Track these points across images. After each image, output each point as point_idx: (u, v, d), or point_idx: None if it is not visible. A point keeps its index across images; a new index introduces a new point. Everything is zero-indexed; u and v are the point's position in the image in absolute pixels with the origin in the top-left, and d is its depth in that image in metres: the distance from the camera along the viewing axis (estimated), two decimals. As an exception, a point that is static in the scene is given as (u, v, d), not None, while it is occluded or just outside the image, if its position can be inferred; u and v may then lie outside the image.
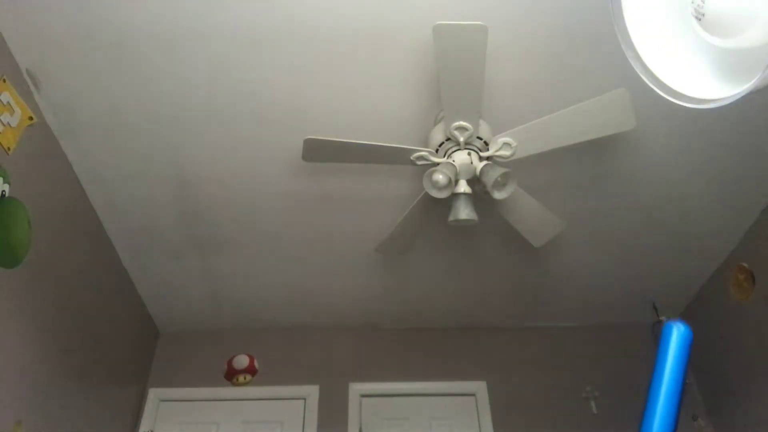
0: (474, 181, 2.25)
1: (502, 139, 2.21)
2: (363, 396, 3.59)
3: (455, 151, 2.22)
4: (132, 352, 3.53)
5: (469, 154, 2.21)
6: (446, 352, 3.78)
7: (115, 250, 3.16)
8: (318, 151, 2.26)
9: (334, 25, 2.11)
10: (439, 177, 2.14)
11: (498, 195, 2.16)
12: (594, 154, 2.64)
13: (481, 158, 2.24)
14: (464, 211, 2.18)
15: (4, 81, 2.13)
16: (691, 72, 1.02)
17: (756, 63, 0.89)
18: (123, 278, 3.31)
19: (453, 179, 2.18)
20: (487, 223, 2.90)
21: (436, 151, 2.25)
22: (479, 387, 3.62)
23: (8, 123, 2.15)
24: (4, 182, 2.11)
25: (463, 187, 2.21)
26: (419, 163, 2.28)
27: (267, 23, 2.10)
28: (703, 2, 0.93)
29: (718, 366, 3.40)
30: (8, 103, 2.14)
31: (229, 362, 3.70)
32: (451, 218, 2.21)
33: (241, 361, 3.70)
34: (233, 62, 2.24)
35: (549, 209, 2.55)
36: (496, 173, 2.10)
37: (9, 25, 2.12)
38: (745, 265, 3.06)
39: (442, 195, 2.21)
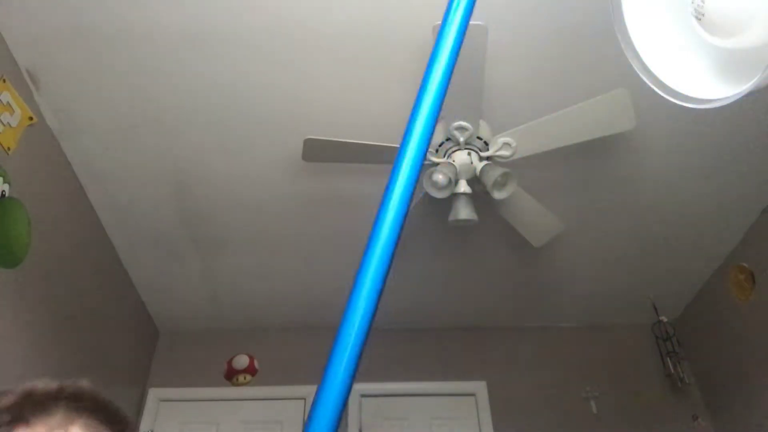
0: (474, 181, 2.25)
1: (502, 139, 2.22)
2: (363, 396, 3.58)
3: (455, 151, 2.22)
4: (132, 352, 3.53)
5: (469, 154, 2.21)
6: (446, 352, 3.78)
7: (115, 250, 3.16)
8: (318, 151, 2.26)
9: (335, 26, 2.11)
10: (439, 177, 2.14)
11: (498, 195, 2.16)
12: (594, 154, 2.63)
13: (481, 158, 2.24)
14: (464, 211, 2.19)
15: (4, 81, 2.13)
16: (691, 72, 1.02)
17: (756, 63, 0.88)
18: (123, 278, 3.31)
19: (453, 179, 2.18)
20: (487, 223, 2.89)
21: (436, 151, 2.25)
22: (479, 387, 3.61)
23: (8, 123, 2.15)
24: (4, 182, 2.11)
25: (463, 187, 2.21)
26: (419, 163, 2.28)
27: (267, 24, 2.10)
28: (703, 2, 0.93)
29: (718, 366, 3.40)
30: (8, 103, 2.14)
31: (229, 362, 3.70)
32: (451, 218, 2.21)
33: (241, 361, 3.69)
34: (233, 62, 2.24)
35: (549, 209, 2.55)
36: (496, 173, 2.10)
37: (9, 25, 2.12)
38: (745, 265, 3.06)
39: (442, 195, 2.21)
